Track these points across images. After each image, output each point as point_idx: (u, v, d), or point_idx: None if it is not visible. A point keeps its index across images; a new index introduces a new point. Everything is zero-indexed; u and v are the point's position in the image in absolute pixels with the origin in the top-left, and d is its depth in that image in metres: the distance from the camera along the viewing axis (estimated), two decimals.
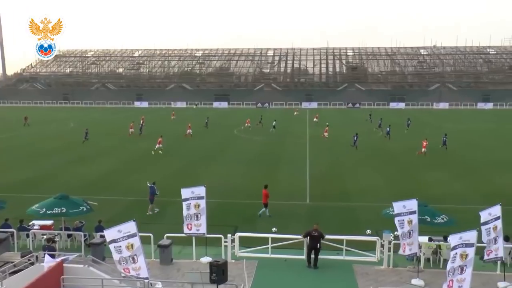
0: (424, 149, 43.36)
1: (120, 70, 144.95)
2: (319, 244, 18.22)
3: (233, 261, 18.54)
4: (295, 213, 26.08)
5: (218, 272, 14.41)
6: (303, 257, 18.69)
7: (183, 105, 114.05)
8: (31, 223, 21.76)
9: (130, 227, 14.78)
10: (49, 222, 21.83)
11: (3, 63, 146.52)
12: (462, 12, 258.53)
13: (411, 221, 16.82)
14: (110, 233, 14.92)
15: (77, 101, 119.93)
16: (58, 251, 17.97)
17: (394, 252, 18.02)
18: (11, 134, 59.51)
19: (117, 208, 26.35)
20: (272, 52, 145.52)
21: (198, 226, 18.82)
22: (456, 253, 14.08)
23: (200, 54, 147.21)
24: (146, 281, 14.16)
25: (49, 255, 14.42)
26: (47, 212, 19.42)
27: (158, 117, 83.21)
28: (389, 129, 55.93)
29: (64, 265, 14.17)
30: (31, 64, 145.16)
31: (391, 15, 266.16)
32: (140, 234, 14.96)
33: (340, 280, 17.51)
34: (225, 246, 18.83)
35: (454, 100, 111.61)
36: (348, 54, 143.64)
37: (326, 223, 22.16)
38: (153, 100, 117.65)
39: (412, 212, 16.84)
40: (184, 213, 18.89)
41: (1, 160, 41.71)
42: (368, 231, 21.50)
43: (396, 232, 17.75)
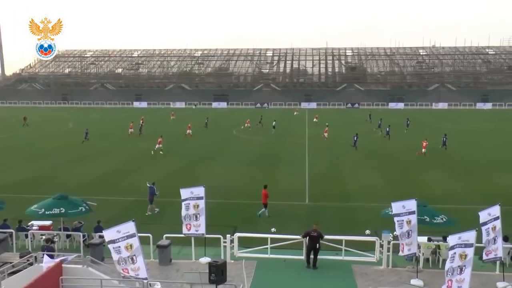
0: (424, 150, 43.37)
1: (119, 70, 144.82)
2: (318, 245, 18.20)
3: (232, 261, 18.51)
4: (294, 213, 26.08)
5: (217, 273, 14.41)
6: (302, 257, 18.68)
7: (182, 105, 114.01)
8: (30, 223, 21.74)
9: (129, 227, 14.76)
10: (48, 223, 21.80)
11: (1, 63, 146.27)
12: (461, 13, 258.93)
13: (410, 221, 16.82)
14: (109, 234, 14.89)
15: (76, 101, 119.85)
16: (57, 251, 17.95)
17: (393, 252, 18.03)
18: (10, 135, 59.44)
19: (116, 209, 26.32)
20: (271, 52, 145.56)
21: (197, 227, 18.79)
22: (455, 253, 14.08)
23: (199, 54, 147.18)
24: (145, 281, 14.14)
25: (48, 255, 14.39)
26: (46, 212, 19.39)
27: (157, 117, 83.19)
28: (389, 129, 55.92)
29: (63, 265, 14.15)
30: (30, 64, 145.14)
31: (390, 15, 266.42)
32: (139, 234, 14.94)
33: (339, 281, 17.50)
34: (224, 247, 18.82)
35: (453, 100, 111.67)
36: (347, 54, 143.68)
37: (325, 223, 22.16)
38: (152, 100, 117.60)
39: (411, 212, 16.83)
40: (183, 214, 18.86)
41: (0, 160, 41.66)
42: (367, 231, 21.47)
43: (395, 232, 17.75)
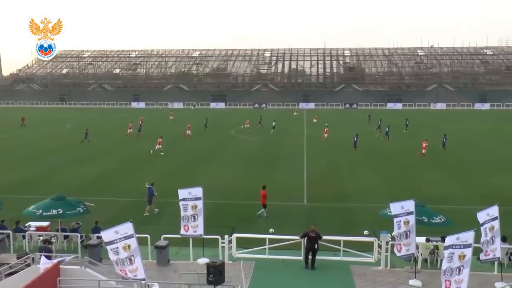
0: (424, 150, 43.39)
1: (117, 70, 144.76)
2: (316, 245, 18.19)
3: (230, 262, 18.48)
4: (292, 214, 26.05)
5: (215, 273, 14.38)
6: (301, 258, 18.65)
7: (180, 105, 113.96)
8: (27, 224, 21.67)
9: (127, 228, 14.73)
10: (45, 223, 21.75)
11: None
12: (460, 13, 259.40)
13: (408, 221, 16.81)
14: (107, 235, 14.85)
15: (74, 102, 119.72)
16: (55, 252, 17.88)
17: (392, 252, 18.01)
18: (8, 135, 59.28)
19: (114, 209, 26.26)
20: (269, 52, 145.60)
21: (195, 228, 18.75)
22: (453, 253, 14.07)
23: (197, 55, 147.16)
24: (143, 282, 14.11)
25: (46, 256, 14.35)
26: (44, 213, 19.27)
27: (155, 118, 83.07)
28: (388, 130, 55.93)
29: (60, 266, 14.08)
30: (27, 65, 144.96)
31: (389, 16, 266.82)
32: (137, 235, 14.91)
33: (338, 281, 17.48)
34: (222, 247, 18.79)
35: (451, 101, 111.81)
36: (345, 54, 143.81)
37: (324, 223, 22.11)
38: (150, 101, 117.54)
39: (410, 213, 16.82)
40: (181, 214, 18.83)
41: None
42: (366, 232, 21.46)
43: (393, 233, 17.73)
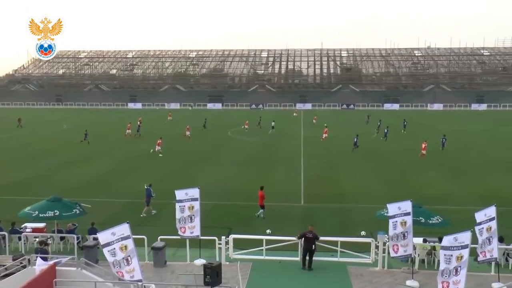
0: (423, 151, 43.45)
1: (114, 71, 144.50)
2: (314, 246, 18.17)
3: (227, 263, 18.46)
4: (289, 215, 26.02)
5: (212, 274, 14.35)
6: (298, 259, 18.62)
7: (176, 106, 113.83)
8: (23, 225, 21.60)
9: (123, 229, 14.68)
10: (41, 225, 21.70)
11: None
12: (457, 14, 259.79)
13: (405, 222, 16.79)
14: (104, 236, 14.81)
15: (70, 103, 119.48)
16: (51, 253, 17.83)
17: (389, 253, 18.00)
18: (5, 136, 59.05)
19: (111, 210, 26.18)
20: (266, 53, 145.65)
21: (192, 229, 18.70)
22: (451, 255, 14.05)
23: (194, 55, 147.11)
24: (140, 283, 14.06)
25: (42, 258, 14.28)
26: (40, 215, 19.22)
27: (153, 119, 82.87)
28: (387, 131, 55.97)
29: (56, 268, 14.03)
30: (23, 65, 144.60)
31: (386, 17, 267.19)
32: (133, 236, 14.86)
33: (335, 282, 17.46)
34: (219, 248, 18.75)
35: (448, 101, 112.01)
36: (342, 55, 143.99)
37: (321, 224, 22.10)
38: (147, 102, 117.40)
39: (407, 214, 16.81)
40: (178, 216, 18.75)
41: None
42: (363, 233, 21.47)
43: (389, 233, 17.70)
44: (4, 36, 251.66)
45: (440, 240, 18.28)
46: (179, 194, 18.84)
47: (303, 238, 18.34)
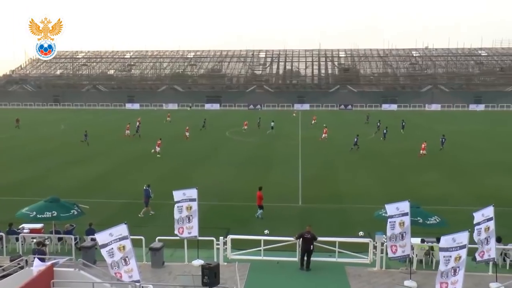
0: (423, 151, 43.50)
1: (111, 71, 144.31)
2: (312, 246, 18.17)
3: (225, 263, 18.45)
4: (287, 215, 26.02)
5: (210, 275, 14.35)
6: (296, 259, 18.63)
7: (174, 107, 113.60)
8: (20, 226, 21.54)
9: (121, 230, 14.68)
10: (39, 225, 21.65)
11: None
12: (454, 15, 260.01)
13: (403, 222, 16.81)
14: (102, 237, 14.79)
15: (68, 103, 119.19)
16: (49, 254, 17.78)
17: (387, 254, 18.00)
18: (3, 136, 58.88)
19: (109, 211, 26.14)
20: (264, 53, 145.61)
21: (190, 229, 18.70)
22: (450, 256, 14.06)
23: (191, 56, 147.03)
24: (138, 284, 14.04)
25: (39, 258, 14.24)
26: (38, 215, 19.14)
27: (151, 119, 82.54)
28: (386, 131, 56.02)
29: (54, 268, 13.99)
30: (20, 66, 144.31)
31: (384, 17, 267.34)
32: (131, 237, 14.84)
33: (333, 282, 17.47)
34: (217, 249, 18.74)
35: (446, 102, 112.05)
36: (340, 55, 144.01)
37: (319, 225, 22.10)
38: (145, 102, 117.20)
39: (404, 214, 16.82)
40: (176, 216, 18.75)
41: None
42: (361, 233, 21.50)
43: (387, 234, 17.71)
44: (1, 37, 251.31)
45: (438, 240, 18.28)
46: (177, 194, 18.84)
47: (301, 239, 18.35)
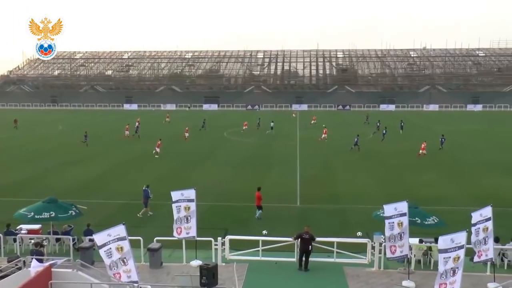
0: (423, 151, 43.56)
1: (109, 72, 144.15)
2: (310, 247, 18.16)
3: (224, 264, 18.44)
4: (285, 216, 26.01)
5: (209, 276, 14.35)
6: (294, 259, 18.61)
7: (172, 107, 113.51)
8: (18, 227, 21.49)
9: (119, 230, 14.66)
10: (37, 226, 21.58)
11: None
12: (452, 15, 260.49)
13: (401, 223, 16.81)
14: (100, 237, 14.77)
15: (66, 104, 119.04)
16: (46, 255, 17.74)
17: (385, 254, 18.01)
18: (1, 137, 58.72)
19: (107, 212, 26.11)
20: (262, 54, 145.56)
21: (188, 229, 18.67)
22: (449, 257, 14.06)
23: (189, 56, 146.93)
24: (136, 285, 14.02)
25: (37, 259, 14.20)
26: (36, 216, 19.13)
27: (149, 119, 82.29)
28: (385, 131, 56.11)
29: (52, 269, 13.95)
30: (18, 66, 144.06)
31: (382, 18, 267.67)
32: (129, 237, 14.82)
33: (331, 283, 17.46)
34: (216, 249, 18.72)
35: (444, 102, 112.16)
36: (338, 56, 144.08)
37: (317, 225, 22.11)
38: (143, 103, 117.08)
39: (403, 214, 16.82)
40: (175, 216, 18.75)
41: None
42: (359, 233, 21.51)
43: (385, 234, 17.71)
44: None
45: (436, 240, 18.31)
46: (175, 195, 18.83)
47: (299, 239, 18.34)
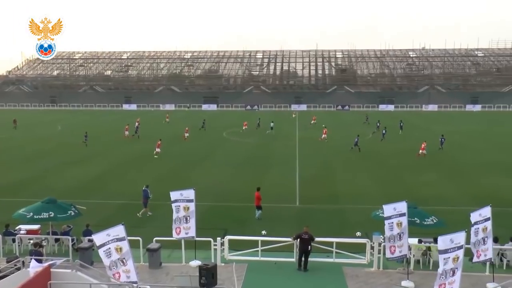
0: (423, 151, 43.60)
1: (108, 72, 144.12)
2: (309, 247, 18.16)
3: (223, 264, 18.43)
4: (285, 216, 26.02)
5: (208, 276, 14.37)
6: (293, 259, 18.61)
7: (171, 107, 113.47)
8: (17, 227, 21.49)
9: (118, 231, 14.66)
10: (36, 227, 21.58)
11: None
12: (451, 15, 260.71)
13: (400, 223, 16.81)
14: (99, 237, 14.78)
15: (65, 104, 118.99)
16: (45, 255, 17.72)
17: (384, 254, 18.01)
18: (1, 137, 58.69)
19: (106, 212, 26.11)
20: (261, 54, 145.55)
21: (187, 229, 18.67)
22: (449, 257, 14.07)
23: (189, 56, 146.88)
24: (135, 285, 14.01)
25: (36, 260, 14.20)
26: (35, 216, 19.06)
27: (149, 120, 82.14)
28: (385, 132, 56.16)
29: (51, 270, 13.95)
30: (17, 66, 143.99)
31: (381, 18, 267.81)
32: (129, 238, 14.81)
33: (330, 283, 17.46)
34: (215, 250, 18.71)
35: (443, 102, 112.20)
36: (337, 56, 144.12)
37: (316, 225, 22.11)
38: (142, 103, 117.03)
39: (402, 214, 16.83)
40: (174, 216, 18.74)
41: None
42: (358, 233, 21.51)
43: (385, 235, 17.71)
44: None
45: (435, 240, 18.32)
46: (174, 195, 18.83)
47: (298, 239, 18.34)
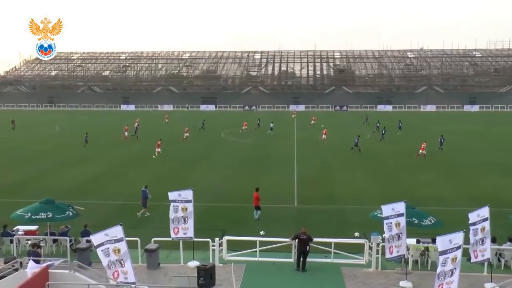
0: (423, 151, 43.67)
1: (106, 73, 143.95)
2: (308, 247, 18.17)
3: (221, 265, 18.43)
4: (283, 216, 26.01)
5: (206, 276, 14.35)
6: (291, 260, 18.61)
7: (170, 108, 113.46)
8: (15, 228, 21.45)
9: (116, 231, 14.63)
10: (34, 227, 21.56)
11: None
12: (449, 16, 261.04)
13: (399, 223, 16.83)
14: (97, 238, 14.76)
15: (63, 104, 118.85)
16: (43, 256, 17.71)
17: (382, 254, 18.03)
18: None
19: (104, 212, 26.08)
20: (259, 55, 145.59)
21: (185, 230, 18.66)
22: (448, 258, 14.08)
23: (187, 57, 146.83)
24: (133, 286, 14.00)
25: (34, 260, 14.18)
26: (32, 217, 19.06)
27: (147, 120, 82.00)
28: (384, 132, 56.23)
29: (49, 270, 13.94)
30: (15, 67, 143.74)
31: (379, 18, 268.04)
32: (127, 238, 14.79)
33: (329, 283, 17.47)
34: (213, 250, 18.70)
35: (441, 103, 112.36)
36: (335, 56, 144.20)
37: (314, 226, 22.11)
38: (140, 103, 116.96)
39: (400, 215, 16.84)
40: (171, 216, 18.72)
41: None
42: (356, 234, 21.51)
43: (384, 235, 17.74)
44: None
45: (433, 241, 18.36)
46: (172, 195, 18.82)
47: (297, 240, 18.34)
